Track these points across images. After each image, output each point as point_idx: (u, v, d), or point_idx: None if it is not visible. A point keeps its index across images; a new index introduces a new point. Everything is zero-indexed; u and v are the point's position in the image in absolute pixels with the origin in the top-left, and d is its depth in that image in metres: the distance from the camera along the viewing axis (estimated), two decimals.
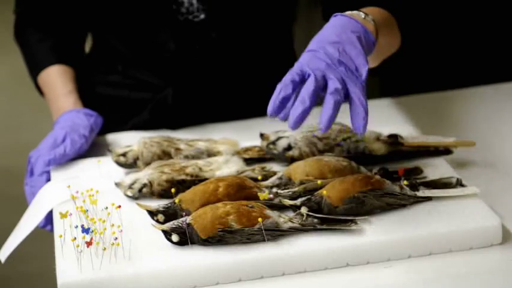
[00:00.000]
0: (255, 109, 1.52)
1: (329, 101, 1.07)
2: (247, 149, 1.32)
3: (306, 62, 1.11)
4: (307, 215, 1.12)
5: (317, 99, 1.10)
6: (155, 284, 1.07)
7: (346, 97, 1.11)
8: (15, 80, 3.79)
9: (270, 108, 1.09)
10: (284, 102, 1.09)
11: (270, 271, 1.08)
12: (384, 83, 2.23)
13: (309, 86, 1.07)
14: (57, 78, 1.48)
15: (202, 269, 1.08)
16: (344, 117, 1.36)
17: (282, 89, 1.08)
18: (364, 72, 1.12)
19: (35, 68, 1.53)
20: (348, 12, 1.19)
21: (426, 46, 2.29)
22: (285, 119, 1.10)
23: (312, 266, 1.09)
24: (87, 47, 1.62)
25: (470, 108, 1.55)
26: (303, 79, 1.09)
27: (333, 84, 1.07)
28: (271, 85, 1.62)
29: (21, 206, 1.34)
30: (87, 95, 1.49)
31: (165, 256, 1.09)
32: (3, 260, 1.24)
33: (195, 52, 1.45)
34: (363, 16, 1.20)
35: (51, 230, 1.25)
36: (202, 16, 1.43)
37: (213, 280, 1.08)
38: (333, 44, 1.12)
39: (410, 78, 2.27)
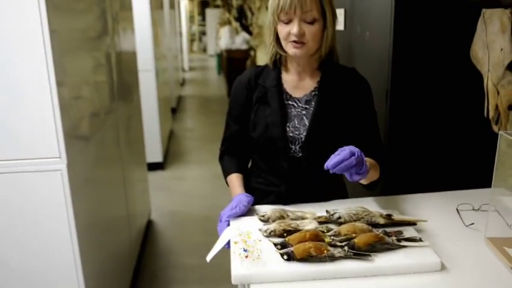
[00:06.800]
0: (324, 196, 1.49)
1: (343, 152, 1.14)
2: (319, 217, 1.29)
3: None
4: (348, 250, 1.12)
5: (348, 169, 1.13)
6: (276, 278, 1.07)
7: (350, 169, 1.14)
8: (215, 179, 3.90)
9: (328, 164, 1.13)
10: (335, 164, 1.13)
11: (329, 275, 1.09)
12: (384, 188, 2.02)
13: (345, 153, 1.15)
14: (235, 180, 1.50)
15: (298, 272, 1.08)
16: (366, 203, 1.41)
17: (338, 155, 1.15)
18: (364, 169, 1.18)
19: (226, 174, 1.54)
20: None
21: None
22: (340, 172, 1.13)
23: (349, 274, 1.09)
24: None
25: (428, 202, 1.47)
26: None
27: (355, 154, 1.15)
28: (335, 185, 1.58)
29: (215, 237, 1.32)
30: (247, 187, 1.50)
31: (281, 265, 1.10)
32: (208, 260, 1.25)
33: (296, 169, 1.42)
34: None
35: (229, 248, 1.24)
36: (300, 154, 1.41)
37: (302, 278, 1.08)
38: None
39: (399, 186, 2.01)
